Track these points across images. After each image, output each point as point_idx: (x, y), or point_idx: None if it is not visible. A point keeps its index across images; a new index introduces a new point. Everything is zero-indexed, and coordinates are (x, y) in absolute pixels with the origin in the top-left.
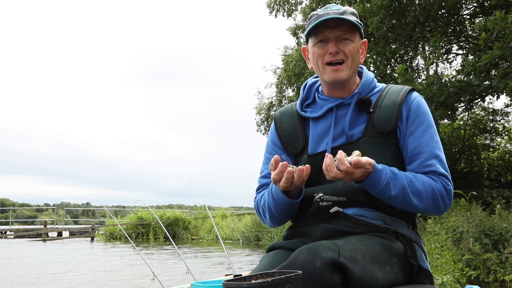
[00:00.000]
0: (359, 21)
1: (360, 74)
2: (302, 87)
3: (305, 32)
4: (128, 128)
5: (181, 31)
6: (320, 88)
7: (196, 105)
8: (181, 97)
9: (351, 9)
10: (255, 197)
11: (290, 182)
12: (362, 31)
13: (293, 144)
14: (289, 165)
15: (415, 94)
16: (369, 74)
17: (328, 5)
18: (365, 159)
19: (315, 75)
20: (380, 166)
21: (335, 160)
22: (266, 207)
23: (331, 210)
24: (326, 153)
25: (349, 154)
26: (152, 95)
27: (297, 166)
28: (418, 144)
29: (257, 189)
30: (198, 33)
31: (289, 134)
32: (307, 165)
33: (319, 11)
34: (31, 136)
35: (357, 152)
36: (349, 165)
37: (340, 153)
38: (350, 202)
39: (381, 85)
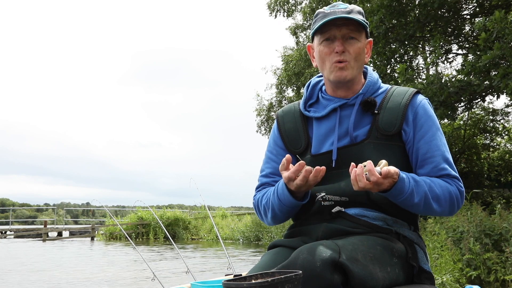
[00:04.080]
0: (366, 20)
1: (364, 74)
2: (305, 87)
3: (311, 30)
4: (126, 127)
5: (178, 30)
6: (323, 88)
7: (194, 104)
8: (179, 96)
9: (358, 7)
10: (255, 195)
11: (306, 180)
12: (368, 30)
13: (296, 144)
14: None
15: (420, 97)
16: (373, 74)
17: (335, 3)
18: (393, 169)
19: (319, 74)
20: (403, 174)
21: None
22: (268, 207)
23: (333, 210)
24: (352, 163)
25: (354, 157)
26: (149, 94)
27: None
28: (430, 148)
29: (257, 188)
30: (195, 32)
31: (292, 134)
32: (323, 167)
33: (326, 9)
34: (29, 135)
35: (384, 162)
36: (379, 176)
37: (370, 164)
38: (352, 202)
39: (385, 86)
